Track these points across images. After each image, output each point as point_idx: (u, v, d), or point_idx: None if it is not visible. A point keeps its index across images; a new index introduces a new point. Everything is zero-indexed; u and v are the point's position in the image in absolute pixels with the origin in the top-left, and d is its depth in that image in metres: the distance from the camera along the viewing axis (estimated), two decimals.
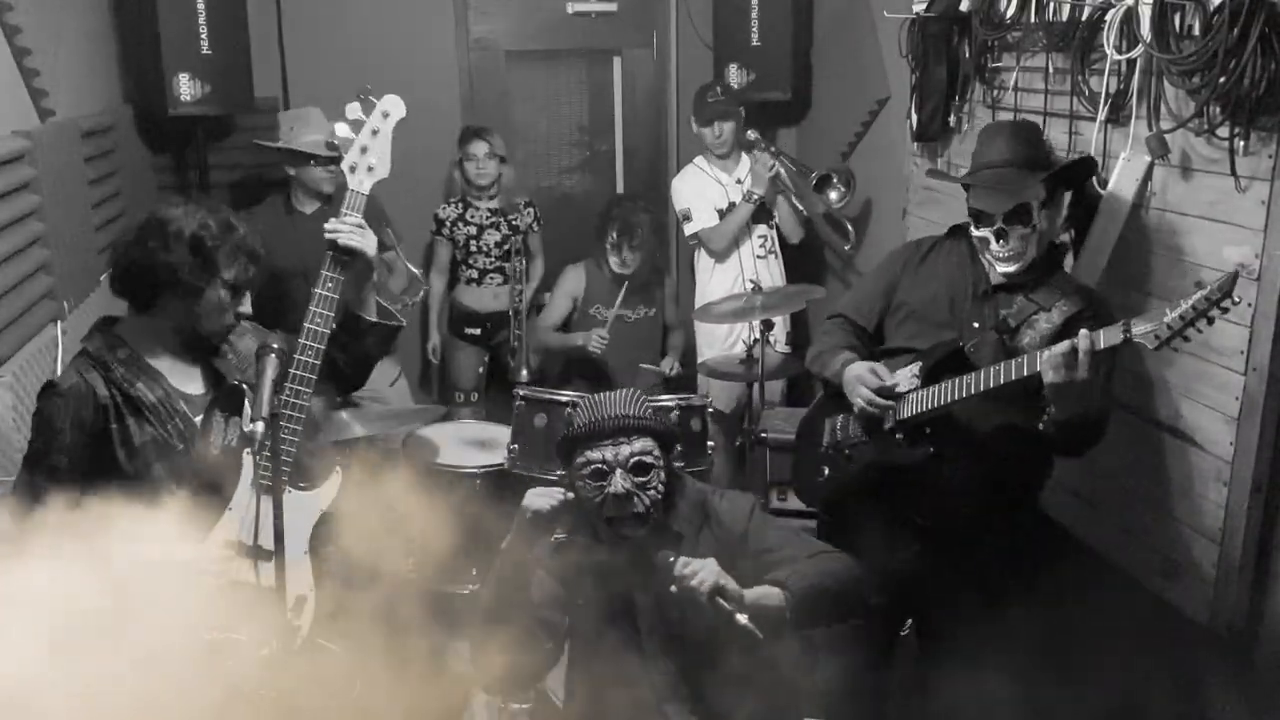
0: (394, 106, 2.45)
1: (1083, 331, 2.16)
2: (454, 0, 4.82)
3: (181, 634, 1.94)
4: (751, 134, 4.34)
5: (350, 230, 2.38)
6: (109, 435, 2.20)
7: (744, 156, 4.45)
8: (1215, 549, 2.39)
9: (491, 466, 3.66)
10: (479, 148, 4.34)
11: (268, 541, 2.18)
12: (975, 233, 2.53)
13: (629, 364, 4.30)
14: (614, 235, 4.22)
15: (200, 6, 3.92)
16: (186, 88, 3.92)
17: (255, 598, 2.18)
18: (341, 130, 2.41)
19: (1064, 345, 2.18)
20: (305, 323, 2.29)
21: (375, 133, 2.44)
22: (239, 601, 2.17)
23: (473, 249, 4.43)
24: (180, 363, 2.31)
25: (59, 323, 2.94)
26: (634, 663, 2.23)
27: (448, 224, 4.44)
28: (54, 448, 2.18)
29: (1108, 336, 2.11)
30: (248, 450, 2.21)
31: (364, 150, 2.42)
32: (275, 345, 2.11)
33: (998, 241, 2.47)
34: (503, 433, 3.72)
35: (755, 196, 4.24)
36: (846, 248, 4.39)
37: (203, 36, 3.94)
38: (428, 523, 2.31)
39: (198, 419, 2.27)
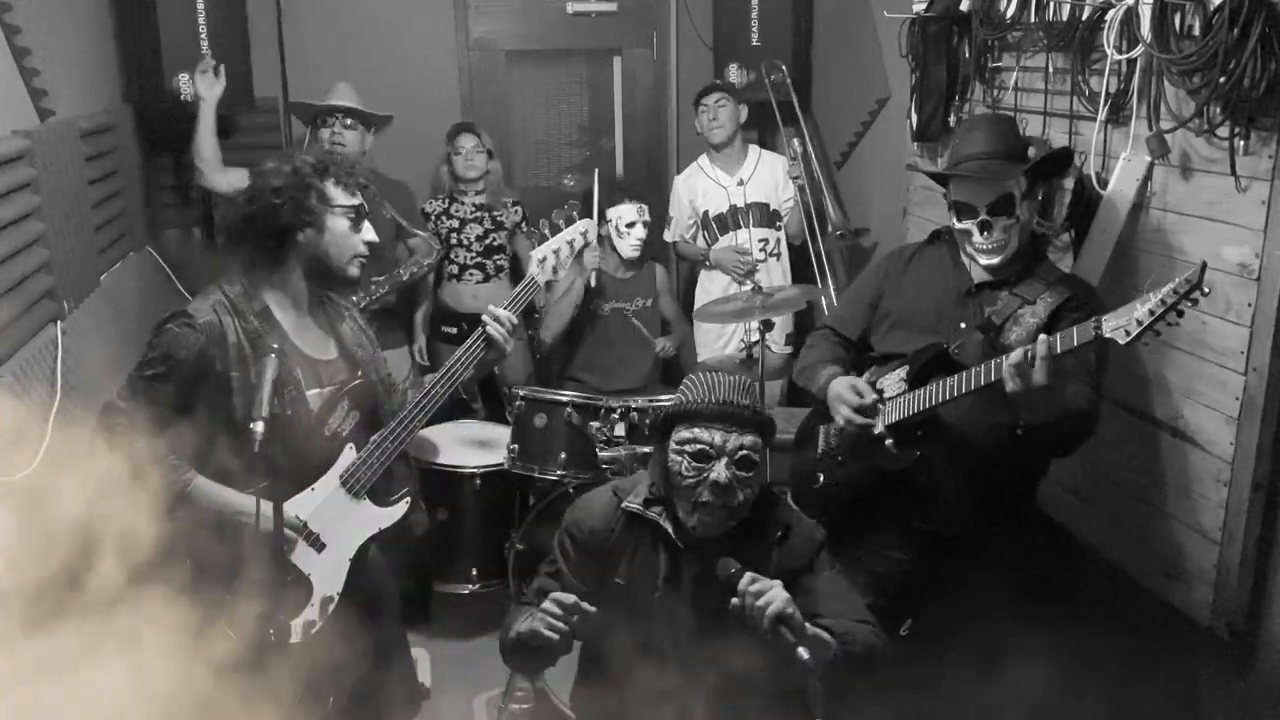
0: (590, 231, 2.70)
1: (1041, 337, 2.17)
2: (454, 0, 4.82)
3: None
4: (794, 149, 4.35)
5: (503, 328, 2.45)
6: (227, 382, 2.22)
7: (747, 156, 4.45)
8: (1215, 549, 2.39)
9: (491, 466, 3.66)
10: (466, 140, 4.34)
11: (325, 535, 2.31)
12: (957, 225, 2.52)
13: (629, 356, 4.29)
14: (619, 217, 4.13)
15: (200, 6, 3.92)
16: (186, 88, 3.92)
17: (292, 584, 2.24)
18: (558, 219, 2.73)
19: (1018, 353, 2.17)
20: (443, 368, 2.44)
21: (571, 243, 2.66)
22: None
23: (453, 242, 4.42)
24: (310, 323, 2.37)
25: (59, 323, 2.94)
26: (652, 667, 2.10)
27: (433, 218, 4.43)
28: (168, 374, 2.19)
29: (1079, 335, 2.10)
30: (351, 445, 2.34)
31: (556, 252, 2.63)
32: (275, 346, 2.14)
33: (981, 233, 2.47)
34: (503, 433, 3.73)
35: (707, 264, 4.42)
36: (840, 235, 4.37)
37: (203, 36, 3.94)
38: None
39: (313, 391, 2.32)
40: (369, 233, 2.36)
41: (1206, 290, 1.98)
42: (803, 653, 1.90)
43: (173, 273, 4.16)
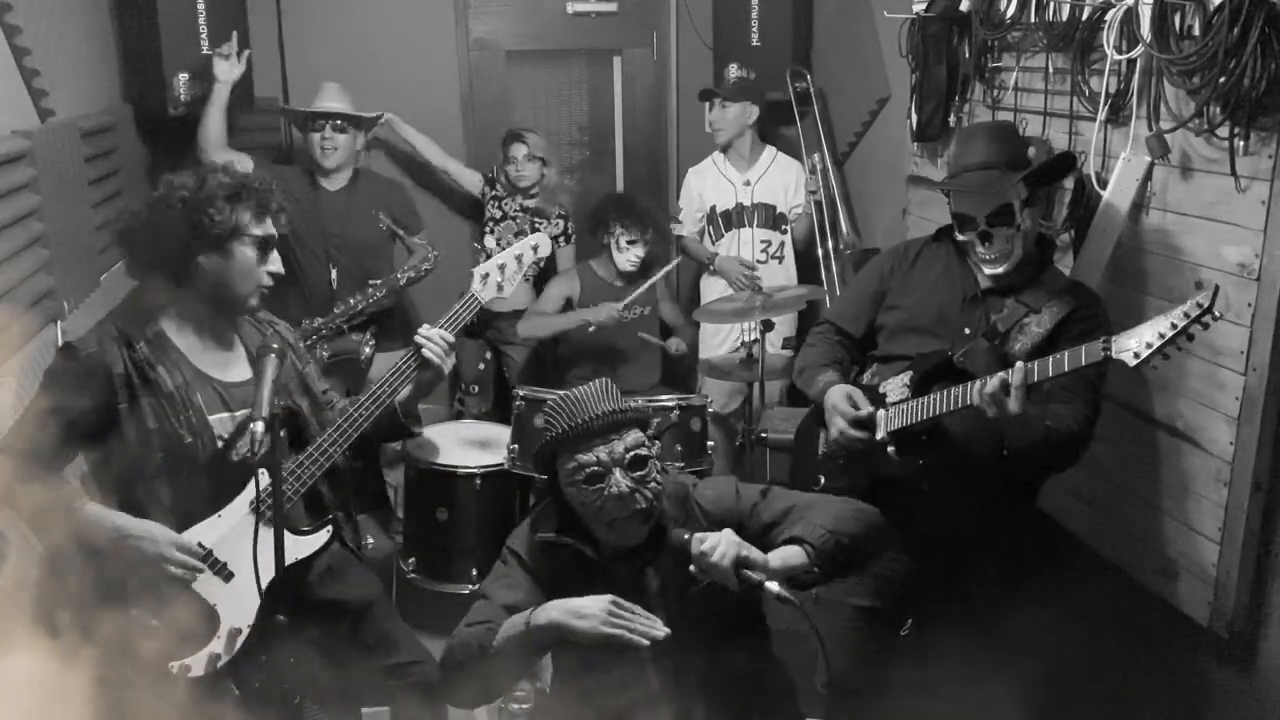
0: (542, 245, 2.57)
1: (1019, 364, 2.17)
2: (454, 0, 4.82)
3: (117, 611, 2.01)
4: (814, 162, 4.36)
5: (437, 347, 2.37)
6: (116, 412, 2.18)
7: (760, 157, 4.45)
8: (1215, 549, 2.39)
9: (491, 466, 3.66)
10: (518, 149, 4.37)
11: (235, 564, 2.21)
12: (960, 236, 2.53)
13: (629, 359, 4.28)
14: (621, 232, 4.15)
15: (200, 6, 3.92)
16: (186, 88, 3.92)
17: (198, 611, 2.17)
18: (506, 232, 2.59)
19: (995, 381, 2.18)
20: (359, 396, 2.34)
21: (518, 259, 2.52)
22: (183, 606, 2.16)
23: (487, 229, 4.44)
24: (214, 345, 2.29)
25: (59, 323, 2.94)
26: (626, 664, 2.11)
27: (485, 198, 4.49)
28: (53, 407, 2.14)
29: (1088, 354, 2.10)
30: (263, 469, 2.12)
31: (502, 267, 2.50)
32: (275, 345, 2.11)
33: (983, 244, 2.47)
34: (503, 433, 3.73)
35: (711, 268, 4.44)
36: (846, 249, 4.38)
37: (203, 36, 3.94)
38: None
39: (218, 416, 2.24)
40: (275, 263, 2.28)
41: (1219, 315, 1.98)
42: (771, 586, 1.90)
43: None
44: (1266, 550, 2.31)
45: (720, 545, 1.94)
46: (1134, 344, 2.03)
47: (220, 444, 2.24)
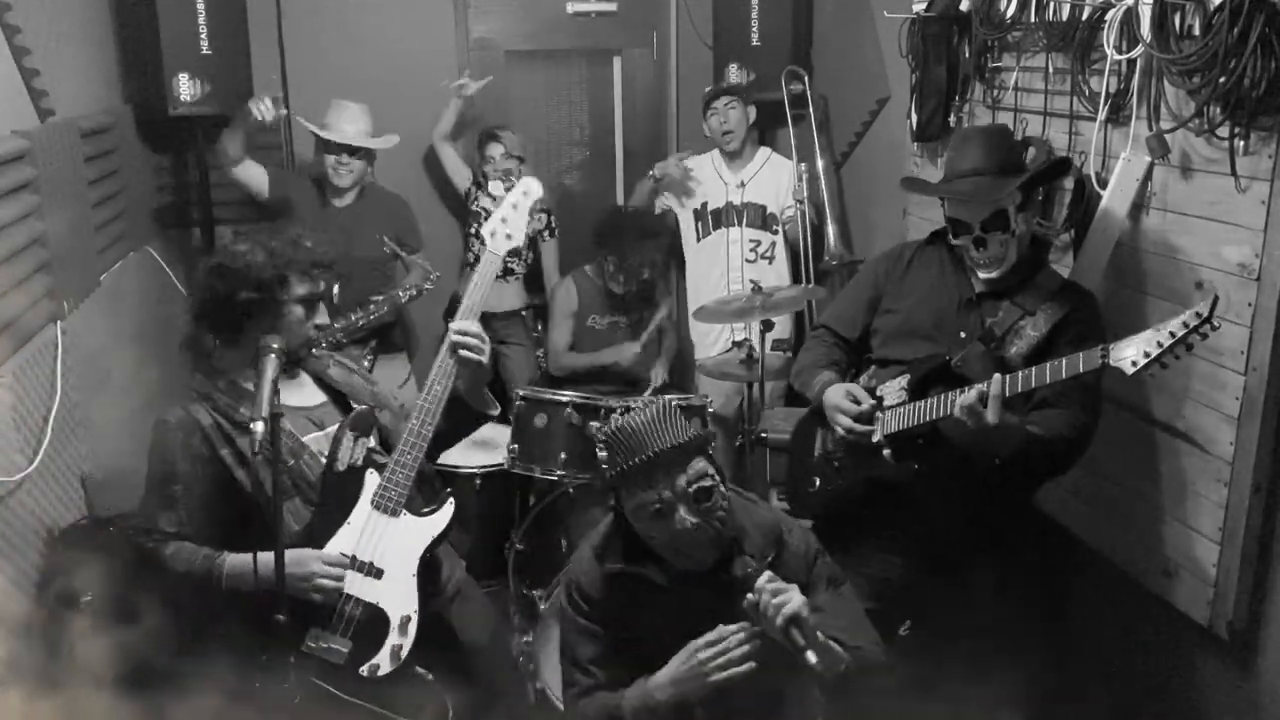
0: (532, 188, 2.62)
1: (996, 376, 2.19)
2: (454, 0, 4.82)
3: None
4: (801, 171, 4.35)
5: (471, 340, 2.40)
6: (222, 460, 2.29)
7: (754, 157, 4.45)
8: (1215, 549, 2.39)
9: (491, 466, 3.66)
10: (494, 149, 4.36)
11: (380, 560, 2.35)
12: (954, 241, 2.53)
13: (624, 374, 4.31)
14: (611, 262, 4.21)
15: (200, 6, 3.92)
16: (186, 88, 3.92)
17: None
18: (495, 188, 2.77)
19: (972, 394, 2.20)
20: (423, 391, 2.40)
21: (515, 207, 2.59)
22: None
23: (470, 232, 4.44)
24: (282, 379, 2.34)
25: (59, 323, 2.94)
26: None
27: (470, 197, 4.49)
28: (169, 476, 2.29)
29: (1086, 361, 2.10)
30: (372, 469, 2.37)
31: (504, 220, 2.57)
32: (275, 345, 2.13)
33: (977, 249, 2.48)
34: (503, 433, 3.73)
35: (654, 176, 4.40)
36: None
37: (203, 36, 3.94)
38: None
39: (312, 435, 2.39)
40: (322, 315, 2.43)
41: (1217, 325, 1.99)
42: (811, 656, 1.87)
43: (172, 273, 4.16)
44: (1266, 550, 2.31)
45: (786, 594, 1.91)
46: (1131, 352, 2.03)
47: (323, 459, 2.37)
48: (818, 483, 2.72)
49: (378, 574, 2.34)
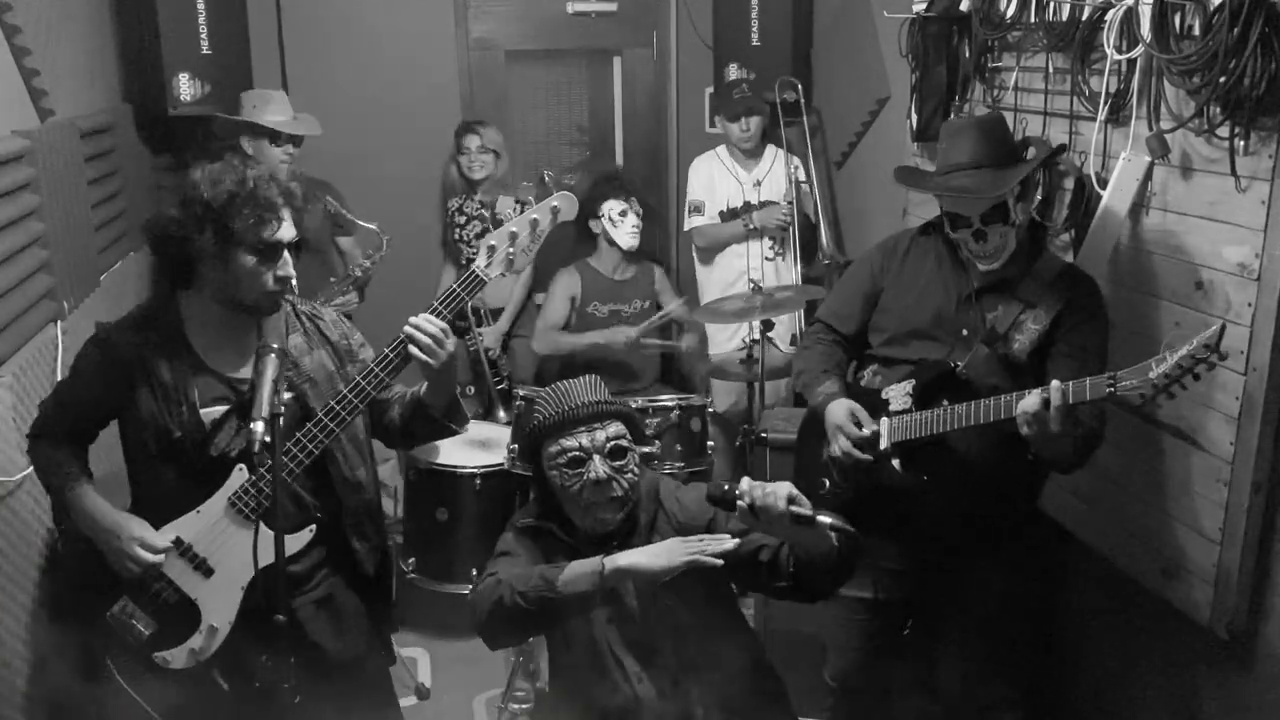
0: (567, 205, 2.24)
1: (1054, 384, 2.15)
2: (454, 0, 4.82)
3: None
4: (800, 174, 4.35)
5: (425, 339, 2.16)
6: (132, 398, 2.21)
7: (764, 156, 4.44)
8: (1215, 549, 2.38)
9: (491, 466, 3.66)
10: (471, 141, 4.35)
11: (214, 561, 2.21)
12: (953, 235, 2.51)
13: (628, 360, 4.29)
14: (612, 205, 4.17)
15: (200, 6, 3.92)
16: (186, 88, 3.92)
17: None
18: (504, 205, 2.32)
19: (1034, 399, 2.16)
20: (339, 392, 2.21)
21: (535, 223, 2.23)
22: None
23: (457, 237, 4.44)
24: (231, 341, 2.27)
25: (59, 323, 2.94)
26: (610, 650, 2.21)
27: (450, 212, 4.46)
28: (74, 385, 2.29)
29: (1092, 390, 2.11)
30: (240, 466, 2.20)
31: (513, 236, 2.21)
32: (275, 345, 2.11)
33: (976, 242, 2.45)
34: (503, 433, 3.73)
35: (751, 227, 4.32)
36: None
37: (203, 36, 3.94)
38: None
39: (218, 409, 2.22)
40: (284, 267, 2.18)
41: (1224, 354, 2.01)
42: (825, 518, 1.96)
43: None
44: (1266, 550, 2.31)
45: (778, 484, 1.97)
46: (1138, 383, 2.06)
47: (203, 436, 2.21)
48: (826, 484, 2.70)
49: (207, 572, 2.19)
